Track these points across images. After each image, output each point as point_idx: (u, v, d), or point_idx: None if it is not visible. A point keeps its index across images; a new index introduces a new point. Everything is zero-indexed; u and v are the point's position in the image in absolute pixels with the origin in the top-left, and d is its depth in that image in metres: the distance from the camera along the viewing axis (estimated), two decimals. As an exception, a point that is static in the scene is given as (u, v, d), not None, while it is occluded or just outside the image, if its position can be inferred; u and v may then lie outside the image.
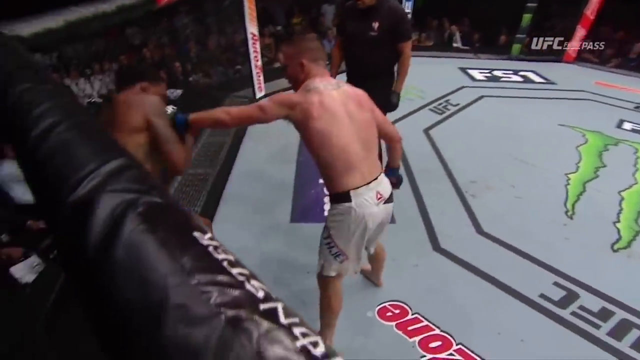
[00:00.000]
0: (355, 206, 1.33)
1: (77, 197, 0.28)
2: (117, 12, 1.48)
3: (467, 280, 2.15)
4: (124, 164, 0.33)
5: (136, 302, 0.20)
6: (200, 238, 0.25)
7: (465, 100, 4.75)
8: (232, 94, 5.08)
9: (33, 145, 0.38)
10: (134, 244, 0.23)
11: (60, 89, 0.56)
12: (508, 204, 2.79)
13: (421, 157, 3.41)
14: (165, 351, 0.18)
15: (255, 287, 0.22)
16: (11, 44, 0.86)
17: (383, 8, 2.20)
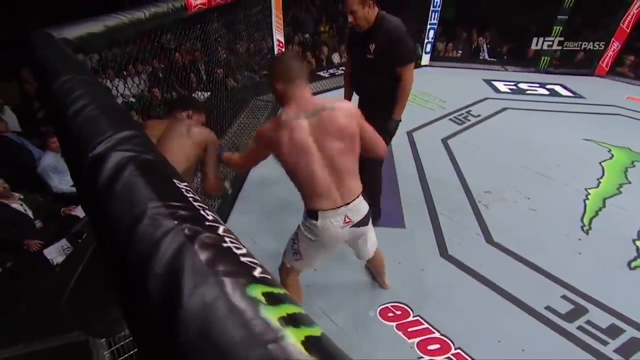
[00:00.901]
0: (320, 225, 1.43)
1: (95, 153, 0.39)
2: (151, 19, 1.65)
3: (472, 288, 2.16)
4: (132, 134, 0.44)
5: (124, 216, 0.30)
6: (178, 184, 0.35)
7: (487, 111, 4.72)
8: (256, 97, 5.26)
9: (69, 119, 0.49)
10: (129, 182, 0.33)
11: (93, 79, 0.68)
12: (521, 216, 2.77)
13: (437, 166, 3.44)
14: (140, 243, 0.27)
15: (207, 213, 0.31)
16: (59, 45, 1.01)
17: (381, 30, 2.04)
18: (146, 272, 0.26)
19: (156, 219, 0.29)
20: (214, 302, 0.23)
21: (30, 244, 2.77)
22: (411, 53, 2.08)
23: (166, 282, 0.25)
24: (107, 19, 1.32)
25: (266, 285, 0.25)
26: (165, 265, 0.26)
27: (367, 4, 1.98)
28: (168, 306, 0.24)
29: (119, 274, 0.28)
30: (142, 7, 1.58)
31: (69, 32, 1.12)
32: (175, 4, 1.89)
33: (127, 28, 1.44)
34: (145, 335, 0.25)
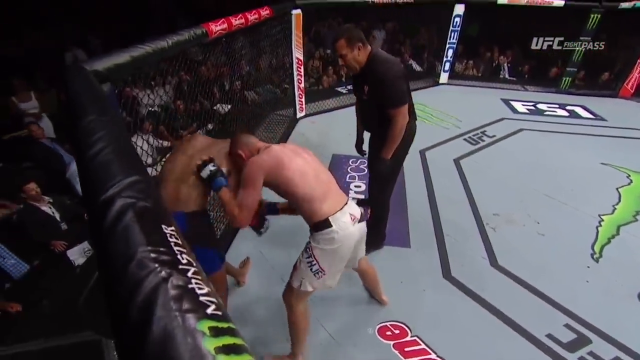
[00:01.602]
0: (337, 230, 1.50)
1: (105, 197, 0.49)
2: (173, 46, 1.80)
3: (473, 311, 2.18)
4: (137, 180, 0.54)
5: (120, 256, 0.40)
6: (165, 229, 0.45)
7: (503, 132, 4.70)
8: (275, 112, 5.41)
9: (88, 161, 0.60)
10: (127, 227, 0.43)
11: (113, 119, 0.80)
12: (529, 240, 2.76)
13: (447, 186, 3.46)
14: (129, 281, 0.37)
15: (183, 257, 0.40)
16: (89, 80, 1.15)
17: (371, 72, 2.02)
18: (130, 302, 0.35)
19: (142, 262, 0.38)
20: (172, 331, 0.32)
21: (56, 244, 2.97)
22: (400, 96, 1.99)
23: (143, 311, 0.34)
24: (132, 50, 1.47)
25: (213, 321, 0.34)
26: (143, 299, 0.35)
27: (355, 47, 1.97)
28: (142, 329, 0.33)
29: (111, 300, 0.38)
30: (166, 37, 1.74)
31: (99, 64, 1.27)
32: (196, 31, 2.04)
33: (150, 57, 1.59)
34: (124, 347, 0.34)
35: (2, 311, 2.41)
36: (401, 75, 2.01)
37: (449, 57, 6.63)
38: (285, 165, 1.48)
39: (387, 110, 2.03)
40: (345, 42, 1.96)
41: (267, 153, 1.53)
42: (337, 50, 2.00)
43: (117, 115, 1.00)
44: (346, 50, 1.97)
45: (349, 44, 1.96)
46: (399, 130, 2.05)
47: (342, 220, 1.51)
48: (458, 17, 6.21)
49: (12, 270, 2.73)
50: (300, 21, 4.46)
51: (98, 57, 1.30)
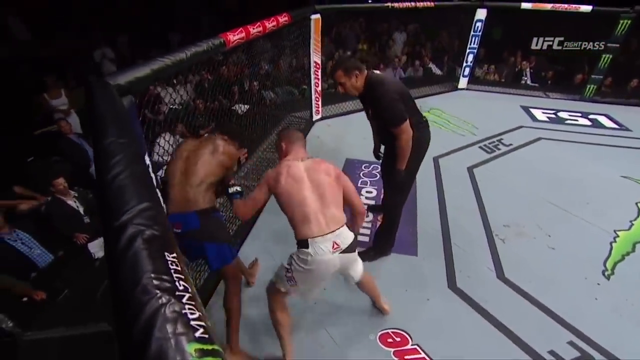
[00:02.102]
0: (312, 253, 1.59)
1: (119, 223, 0.57)
2: (192, 58, 1.88)
3: (475, 323, 2.20)
4: (147, 206, 0.61)
5: (128, 280, 0.47)
6: (167, 256, 0.52)
7: (520, 140, 4.63)
8: (291, 114, 5.50)
9: (107, 184, 0.68)
10: (136, 253, 0.51)
11: (131, 141, 0.88)
12: (538, 253, 2.74)
13: (458, 195, 3.46)
14: (134, 304, 0.44)
15: (180, 283, 0.47)
16: (112, 93, 1.24)
17: (370, 96, 2.19)
18: (134, 323, 0.42)
19: (146, 287, 0.46)
20: (166, 351, 0.39)
21: (78, 237, 3.14)
22: (398, 115, 2.10)
23: (143, 332, 0.41)
24: (153, 63, 1.56)
25: (200, 343, 0.41)
26: (145, 321, 0.42)
27: (352, 75, 2.13)
28: (142, 347, 0.40)
29: (118, 319, 0.45)
30: (185, 48, 1.83)
31: (121, 78, 1.36)
32: (214, 41, 2.13)
33: (170, 69, 1.68)
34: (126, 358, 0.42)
35: (29, 298, 2.58)
36: (397, 95, 2.12)
37: (469, 62, 6.55)
38: (277, 185, 1.68)
39: (389, 128, 2.17)
40: (343, 72, 2.15)
41: (278, 167, 1.74)
42: (336, 79, 2.18)
43: (135, 134, 1.09)
44: (344, 79, 2.16)
45: (346, 74, 2.14)
46: (404, 144, 2.16)
47: (320, 246, 1.59)
48: (480, 21, 6.13)
49: (38, 259, 2.91)
50: (319, 26, 4.51)
51: (120, 71, 1.40)
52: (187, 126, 4.79)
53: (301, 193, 1.64)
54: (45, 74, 5.06)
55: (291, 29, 4.13)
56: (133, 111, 1.45)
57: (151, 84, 1.67)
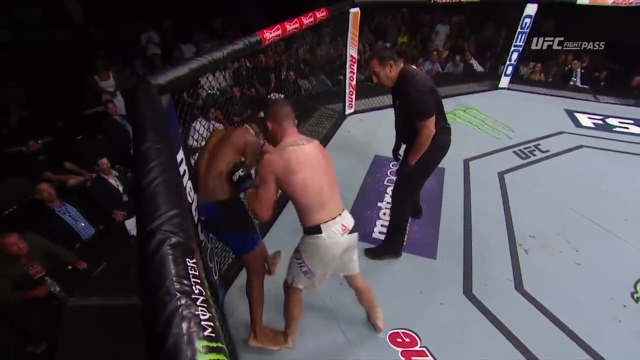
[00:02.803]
0: (325, 237, 1.63)
1: (150, 228, 0.67)
2: (228, 56, 1.98)
3: (487, 332, 2.21)
4: (175, 214, 0.71)
5: (155, 282, 0.57)
6: (188, 262, 0.61)
7: (559, 147, 4.42)
8: (324, 106, 5.54)
9: (142, 189, 0.79)
10: (162, 258, 0.60)
11: (165, 145, 0.99)
12: (562, 268, 2.68)
13: (485, 200, 3.40)
14: (158, 303, 0.53)
15: (197, 287, 0.56)
16: (152, 93, 1.36)
17: (401, 88, 2.20)
18: (157, 319, 0.52)
19: (169, 289, 0.55)
20: (180, 345, 0.48)
21: (117, 214, 3.40)
22: (425, 109, 2.12)
23: (164, 327, 0.51)
24: (191, 63, 1.67)
25: (207, 341, 0.50)
26: (166, 318, 0.52)
27: (387, 65, 2.16)
28: (162, 340, 0.50)
29: (145, 313, 0.55)
30: (223, 47, 1.92)
31: (162, 78, 1.48)
32: (251, 39, 2.21)
33: (207, 68, 1.78)
34: (150, 348, 0.51)
35: (73, 267, 2.86)
36: (427, 90, 2.14)
37: (513, 60, 6.26)
38: (291, 174, 1.59)
39: (414, 122, 2.18)
40: (378, 61, 2.18)
41: (282, 154, 1.61)
42: (371, 68, 2.20)
43: (171, 134, 1.20)
44: (378, 69, 2.18)
45: (381, 63, 2.17)
46: (424, 139, 2.19)
47: (332, 229, 1.64)
48: (528, 17, 5.79)
49: (82, 232, 3.21)
50: (358, 19, 4.49)
51: (161, 72, 1.52)
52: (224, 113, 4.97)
53: (316, 180, 1.62)
54: (96, 57, 5.40)
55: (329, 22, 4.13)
56: (171, 109, 1.57)
57: (189, 83, 1.78)
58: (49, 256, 2.77)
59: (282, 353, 2.07)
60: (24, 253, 2.59)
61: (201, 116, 4.25)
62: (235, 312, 2.29)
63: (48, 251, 2.78)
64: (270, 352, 2.06)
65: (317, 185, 1.62)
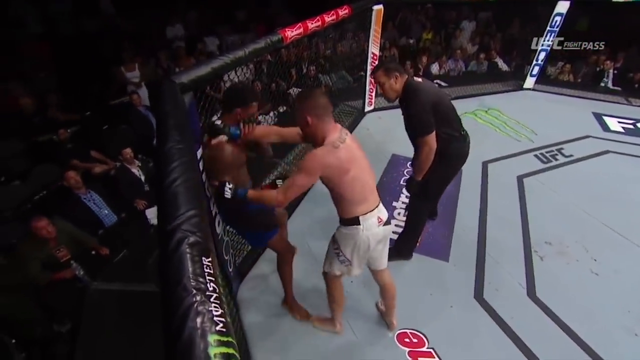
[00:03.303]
0: (363, 228, 1.69)
1: (170, 227, 0.72)
2: (250, 55, 2.02)
3: (495, 337, 2.21)
4: (194, 214, 0.76)
5: (174, 279, 0.62)
6: (204, 260, 0.66)
7: (583, 152, 4.30)
8: (344, 103, 5.54)
9: (164, 189, 0.84)
10: (181, 256, 0.65)
11: (187, 146, 1.04)
12: (578, 277, 2.63)
13: (502, 204, 3.36)
14: (176, 298, 0.59)
15: (211, 284, 0.61)
16: (176, 91, 1.42)
17: (405, 101, 2.19)
18: (175, 313, 0.57)
19: (186, 286, 0.60)
20: (194, 338, 0.53)
21: (139, 202, 3.53)
22: (424, 126, 2.11)
23: (180, 321, 0.56)
24: (213, 62, 1.73)
25: (218, 335, 0.54)
26: (182, 313, 0.57)
27: (392, 76, 2.16)
28: (178, 332, 0.55)
29: (164, 307, 0.60)
30: (244, 46, 1.97)
31: (185, 77, 1.54)
32: (272, 38, 2.25)
33: (229, 66, 1.84)
34: (167, 340, 0.56)
35: (96, 252, 3.00)
36: (428, 106, 2.11)
37: (540, 60, 6.07)
38: (344, 174, 1.59)
39: (415, 137, 2.22)
40: (383, 72, 2.19)
41: (335, 154, 1.56)
42: (376, 79, 2.22)
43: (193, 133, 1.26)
44: (384, 79, 2.20)
45: (387, 74, 2.18)
46: (424, 156, 2.18)
47: (369, 221, 1.70)
48: (559, 15, 5.59)
49: (105, 219, 3.35)
50: (381, 16, 4.47)
51: (184, 71, 1.58)
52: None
53: (362, 176, 1.65)
54: (123, 48, 5.56)
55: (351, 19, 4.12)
56: (192, 107, 1.63)
57: (212, 81, 1.83)
58: (75, 241, 2.92)
59: (291, 344, 2.14)
60: (52, 237, 2.74)
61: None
62: (248, 302, 2.37)
63: (74, 236, 2.93)
64: (280, 340, 2.18)
65: (363, 181, 1.66)
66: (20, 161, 3.79)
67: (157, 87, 1.41)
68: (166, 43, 6.51)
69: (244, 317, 2.30)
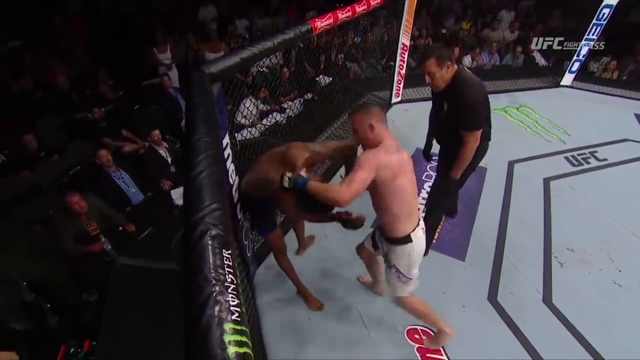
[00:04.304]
0: (415, 245, 1.71)
1: (194, 219, 0.77)
2: (279, 46, 2.04)
3: (506, 341, 2.20)
4: (217, 207, 0.81)
5: (195, 269, 0.67)
6: (224, 252, 0.71)
7: (619, 156, 4.09)
8: (371, 93, 5.48)
9: (191, 181, 0.89)
10: (203, 247, 0.70)
11: (214, 138, 1.09)
12: (599, 287, 2.56)
13: (525, 206, 3.28)
14: (197, 287, 0.64)
15: (229, 276, 0.66)
16: (205, 81, 1.47)
17: (454, 91, 2.06)
18: (195, 301, 0.62)
19: (206, 276, 0.65)
20: (211, 325, 0.58)
21: (164, 183, 3.67)
22: (476, 121, 2.04)
23: (199, 309, 0.61)
24: (242, 52, 1.76)
25: (234, 324, 0.59)
26: (201, 301, 0.62)
27: (444, 65, 2.01)
28: (197, 319, 0.60)
29: (185, 294, 0.65)
30: (272, 37, 1.98)
31: (214, 68, 1.59)
32: (302, 28, 2.25)
33: (257, 57, 1.86)
34: (187, 325, 0.61)
35: (123, 228, 3.16)
36: (482, 99, 2.04)
37: (581, 55, 5.74)
38: (394, 179, 1.56)
39: (461, 131, 2.09)
40: (435, 61, 2.02)
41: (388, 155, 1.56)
42: (426, 69, 2.06)
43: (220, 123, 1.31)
44: (435, 69, 2.03)
45: (439, 63, 2.02)
46: (469, 152, 2.11)
47: (418, 235, 1.72)
48: (608, 7, 5.19)
49: (132, 197, 3.51)
50: (414, 5, 4.35)
51: (214, 61, 1.62)
52: (271, 92, 5.08)
53: (409, 189, 1.63)
54: (156, 28, 5.67)
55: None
56: (220, 97, 1.68)
57: (240, 71, 1.87)
58: (104, 216, 3.09)
59: (303, 326, 2.24)
60: (83, 211, 2.90)
61: (251, 95, 4.40)
62: (263, 286, 2.47)
63: (103, 212, 3.10)
64: (291, 323, 2.27)
65: (410, 194, 1.65)
66: (58, 136, 3.99)
67: (187, 76, 1.46)
68: (198, 24, 6.58)
69: (259, 299, 2.39)
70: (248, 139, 3.55)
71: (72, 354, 2.26)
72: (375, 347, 2.15)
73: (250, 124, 4.15)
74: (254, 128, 4.12)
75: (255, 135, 3.99)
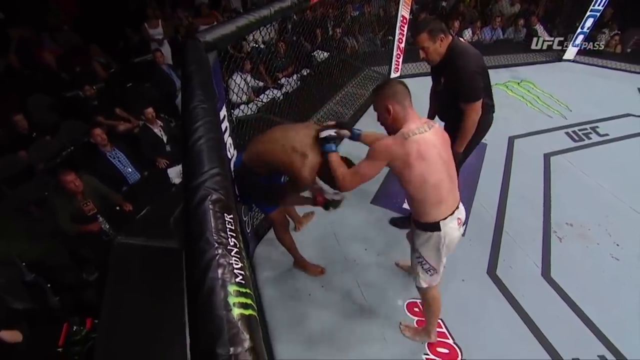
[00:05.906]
0: (443, 234, 1.57)
1: (194, 184, 0.74)
2: (275, 14, 1.96)
3: (505, 314, 2.22)
4: (217, 172, 0.78)
5: (196, 233, 0.64)
6: (226, 216, 0.68)
7: (620, 131, 4.05)
8: (370, 68, 5.36)
9: (189, 147, 0.86)
10: (203, 212, 0.68)
11: (211, 106, 1.04)
12: (597, 261, 2.57)
13: (525, 182, 3.27)
14: (199, 251, 0.61)
15: (232, 240, 0.63)
16: (201, 50, 1.41)
17: (451, 64, 2.00)
18: (197, 264, 0.60)
19: (208, 240, 0.63)
20: (215, 287, 0.56)
21: (160, 161, 3.62)
22: (474, 92, 1.98)
23: (202, 272, 0.58)
24: (238, 20, 1.69)
25: (238, 286, 0.57)
26: (204, 264, 0.59)
27: (437, 38, 1.95)
28: (200, 282, 0.58)
29: (187, 259, 0.63)
30: (269, 5, 1.90)
31: (209, 36, 1.52)
32: (298, -3, 2.16)
33: (254, 25, 1.79)
34: (190, 290, 0.59)
35: (120, 208, 3.13)
36: (479, 70, 1.98)
37: (586, 28, 5.60)
38: (409, 168, 1.46)
39: (461, 104, 2.05)
40: (428, 35, 1.96)
41: (403, 144, 1.45)
42: (419, 43, 2.00)
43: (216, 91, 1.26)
44: (428, 43, 1.98)
45: (432, 37, 1.96)
46: (470, 124, 2.07)
47: (450, 225, 1.57)
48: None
49: (129, 176, 3.46)
50: (413, -24, 4.20)
51: (209, 30, 1.55)
52: (267, 68, 4.96)
53: (436, 174, 1.48)
54: (147, 3, 5.47)
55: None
56: (217, 66, 1.61)
57: (236, 40, 1.80)
58: (100, 196, 3.05)
59: (303, 299, 2.26)
60: (79, 191, 2.86)
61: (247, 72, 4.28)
62: (263, 263, 2.47)
63: (99, 191, 3.06)
64: (292, 298, 2.28)
65: (436, 179, 1.49)
66: (49, 115, 3.90)
67: (182, 45, 1.39)
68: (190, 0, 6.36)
69: (259, 276, 2.39)
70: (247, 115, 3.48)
71: (75, 331, 2.27)
72: (374, 318, 2.17)
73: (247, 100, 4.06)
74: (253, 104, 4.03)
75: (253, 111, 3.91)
